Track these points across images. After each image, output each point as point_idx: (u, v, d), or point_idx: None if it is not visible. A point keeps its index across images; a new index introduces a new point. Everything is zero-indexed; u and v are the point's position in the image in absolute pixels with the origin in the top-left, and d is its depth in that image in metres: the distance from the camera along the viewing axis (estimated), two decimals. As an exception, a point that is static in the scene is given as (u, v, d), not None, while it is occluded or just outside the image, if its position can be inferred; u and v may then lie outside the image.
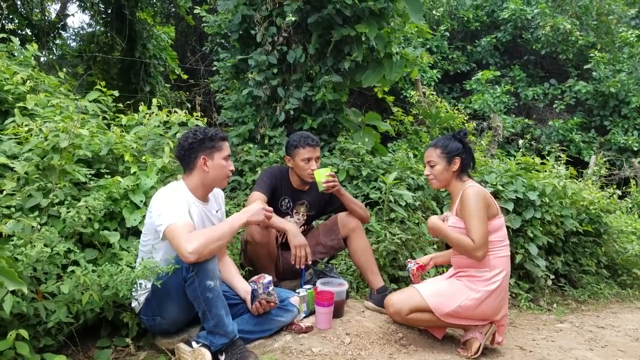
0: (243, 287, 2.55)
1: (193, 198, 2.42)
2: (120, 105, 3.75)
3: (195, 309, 2.23)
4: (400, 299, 2.68)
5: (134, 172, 2.83)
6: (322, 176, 2.87)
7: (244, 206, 4.02)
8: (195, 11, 6.19)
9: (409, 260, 2.99)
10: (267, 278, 2.46)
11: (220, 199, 2.67)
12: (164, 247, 2.30)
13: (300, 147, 2.98)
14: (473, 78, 11.04)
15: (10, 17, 7.67)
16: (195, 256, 2.08)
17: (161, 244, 2.30)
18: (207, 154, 2.41)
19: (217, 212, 2.58)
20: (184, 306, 2.28)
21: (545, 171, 5.15)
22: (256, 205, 2.35)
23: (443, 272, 3.13)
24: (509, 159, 5.63)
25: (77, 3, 9.14)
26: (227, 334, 2.22)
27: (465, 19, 11.71)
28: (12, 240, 2.07)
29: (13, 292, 1.82)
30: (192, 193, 2.43)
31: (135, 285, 2.13)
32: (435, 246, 4.04)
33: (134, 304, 2.37)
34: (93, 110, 3.34)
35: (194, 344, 2.25)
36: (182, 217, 2.22)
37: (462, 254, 2.64)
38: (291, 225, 2.85)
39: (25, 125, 2.75)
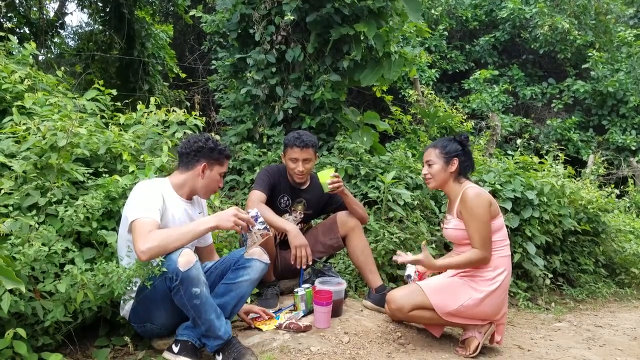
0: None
1: (176, 195, 2.42)
2: (119, 104, 3.74)
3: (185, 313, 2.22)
4: (402, 296, 2.68)
5: (132, 171, 2.82)
6: (327, 177, 2.87)
7: (242, 205, 4.04)
8: (192, 12, 6.17)
9: (408, 270, 2.96)
10: (253, 211, 2.35)
11: (203, 204, 2.66)
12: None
13: (289, 146, 2.99)
14: (471, 77, 11.05)
15: (9, 15, 7.66)
16: (146, 256, 2.07)
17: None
18: (210, 162, 2.44)
19: (199, 213, 2.56)
20: (171, 311, 2.25)
21: (544, 170, 5.16)
22: (230, 210, 2.29)
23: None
24: (507, 158, 5.63)
25: (76, 1, 9.11)
26: (220, 337, 2.21)
27: (464, 18, 11.71)
28: (10, 239, 2.06)
29: (11, 291, 1.82)
30: (175, 190, 2.43)
31: (130, 284, 2.12)
32: (433, 245, 4.05)
33: (122, 312, 2.35)
34: (91, 109, 3.33)
35: (174, 347, 2.25)
36: (149, 214, 2.19)
37: (474, 267, 2.64)
38: (292, 226, 2.85)
39: (23, 124, 2.74)
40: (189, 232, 2.19)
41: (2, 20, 7.39)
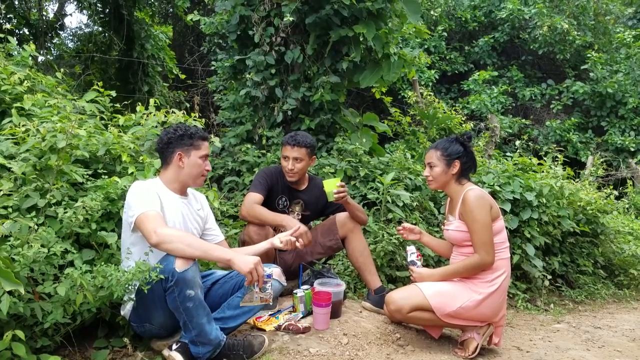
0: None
1: (168, 191, 2.41)
2: (118, 105, 3.74)
3: None
4: (402, 297, 2.68)
5: (132, 173, 2.82)
6: (333, 186, 2.88)
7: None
8: (190, 17, 6.16)
9: (410, 256, 2.91)
10: (267, 271, 2.29)
11: (202, 201, 2.64)
12: (139, 241, 2.28)
13: (283, 144, 3.08)
14: (470, 78, 11.06)
15: (8, 16, 7.66)
16: (157, 238, 2.09)
17: (136, 238, 2.27)
18: (184, 150, 2.41)
19: (199, 210, 2.55)
20: (169, 312, 2.24)
21: (543, 172, 5.16)
22: (254, 258, 2.20)
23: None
24: (506, 159, 5.64)
25: (75, 3, 9.11)
26: (210, 342, 2.19)
27: (463, 19, 11.73)
28: (9, 241, 2.06)
29: (10, 293, 1.82)
30: (167, 186, 2.43)
31: (129, 287, 2.12)
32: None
33: (123, 311, 2.35)
34: (90, 111, 3.33)
35: (174, 345, 2.24)
36: (153, 208, 2.21)
37: (477, 273, 2.64)
38: (286, 216, 2.90)
39: (23, 126, 2.74)
40: (202, 249, 2.17)
41: (1, 21, 7.39)
